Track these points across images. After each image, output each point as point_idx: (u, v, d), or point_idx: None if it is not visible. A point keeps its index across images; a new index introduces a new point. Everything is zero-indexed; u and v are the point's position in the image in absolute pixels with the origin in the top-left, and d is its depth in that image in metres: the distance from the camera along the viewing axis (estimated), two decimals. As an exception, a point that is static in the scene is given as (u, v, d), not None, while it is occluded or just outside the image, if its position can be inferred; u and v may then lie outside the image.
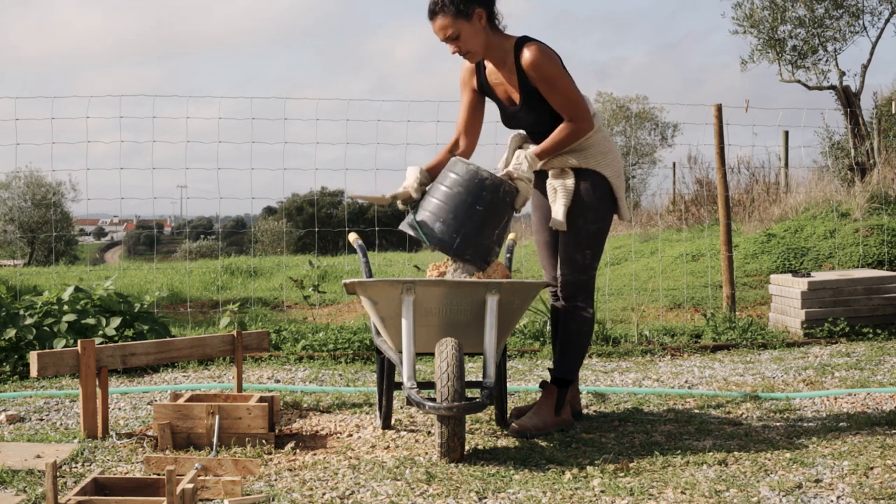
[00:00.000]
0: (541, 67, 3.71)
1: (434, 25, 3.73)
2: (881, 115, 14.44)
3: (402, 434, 3.85)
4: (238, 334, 4.37)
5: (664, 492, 3.01)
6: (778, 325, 6.65)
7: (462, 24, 3.69)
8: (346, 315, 8.21)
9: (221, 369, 5.47)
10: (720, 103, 7.06)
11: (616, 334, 6.29)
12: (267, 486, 3.12)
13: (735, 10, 15.54)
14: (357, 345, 5.94)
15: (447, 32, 3.70)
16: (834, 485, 3.06)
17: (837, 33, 15.44)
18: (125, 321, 5.72)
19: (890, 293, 6.49)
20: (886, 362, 5.44)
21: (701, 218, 12.95)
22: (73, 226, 31.43)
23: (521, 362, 5.70)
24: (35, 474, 3.25)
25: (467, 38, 3.71)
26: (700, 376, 5.15)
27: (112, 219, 68.90)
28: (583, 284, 3.88)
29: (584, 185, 3.84)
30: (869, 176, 11.59)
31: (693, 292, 8.21)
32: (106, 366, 3.90)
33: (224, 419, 3.61)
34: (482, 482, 3.13)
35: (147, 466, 3.28)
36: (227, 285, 11.29)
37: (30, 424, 4.12)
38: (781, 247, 9.53)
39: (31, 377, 4.76)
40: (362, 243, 4.19)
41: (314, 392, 4.76)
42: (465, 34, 3.71)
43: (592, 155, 3.84)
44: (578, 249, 3.85)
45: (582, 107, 3.77)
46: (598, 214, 3.86)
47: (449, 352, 3.39)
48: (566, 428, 3.89)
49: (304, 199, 26.42)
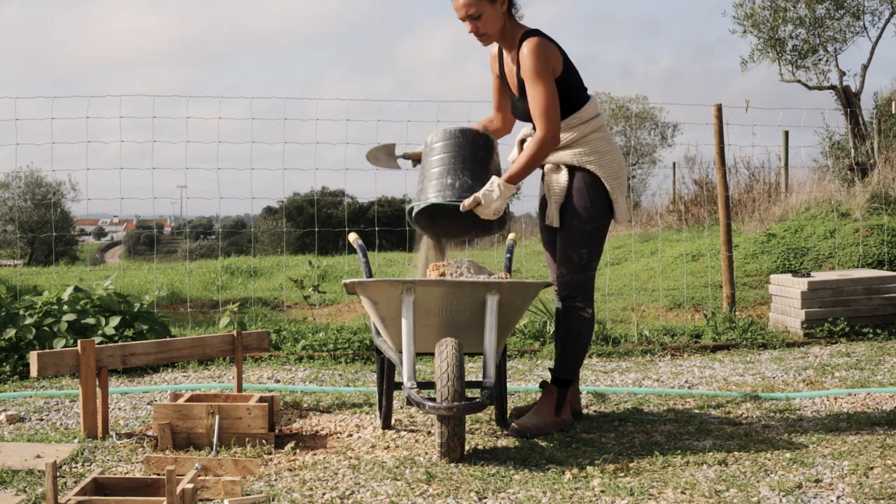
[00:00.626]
0: (526, 61, 3.74)
1: (457, 2, 3.77)
2: (881, 115, 14.44)
3: (402, 434, 3.85)
4: (238, 334, 4.37)
5: (664, 492, 3.01)
6: (778, 325, 6.65)
7: (485, 5, 3.75)
8: (346, 315, 8.21)
9: (221, 369, 5.47)
10: (720, 103, 7.06)
11: (616, 334, 6.29)
12: (267, 486, 3.12)
13: (736, 9, 15.56)
14: (357, 345, 5.94)
15: (469, 10, 3.75)
16: (834, 485, 3.06)
17: (838, 33, 15.45)
18: (125, 321, 5.72)
19: (890, 293, 6.49)
20: (886, 362, 5.44)
21: (701, 218, 12.95)
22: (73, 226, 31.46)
23: (521, 362, 5.70)
24: (35, 474, 3.25)
25: (487, 20, 3.76)
26: (700, 376, 5.15)
27: (112, 219, 68.91)
28: (581, 284, 3.88)
29: (578, 184, 3.84)
30: (869, 176, 11.60)
31: (693, 292, 8.21)
32: (106, 366, 3.90)
33: (224, 419, 3.61)
34: (482, 482, 3.13)
35: (147, 466, 3.28)
36: (227, 285, 11.29)
37: (30, 424, 4.12)
38: (781, 247, 9.53)
39: (31, 377, 4.77)
40: (362, 243, 4.19)
41: (314, 392, 4.76)
42: (486, 15, 3.76)
43: (588, 153, 3.83)
44: (575, 249, 3.85)
45: (551, 116, 3.71)
46: (592, 214, 3.84)
47: (449, 352, 3.39)
48: (566, 428, 3.89)
49: (305, 199, 26.42)
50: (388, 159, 4.24)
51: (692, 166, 14.31)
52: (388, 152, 4.22)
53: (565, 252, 3.87)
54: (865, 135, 13.90)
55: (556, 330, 4.00)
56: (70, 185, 28.12)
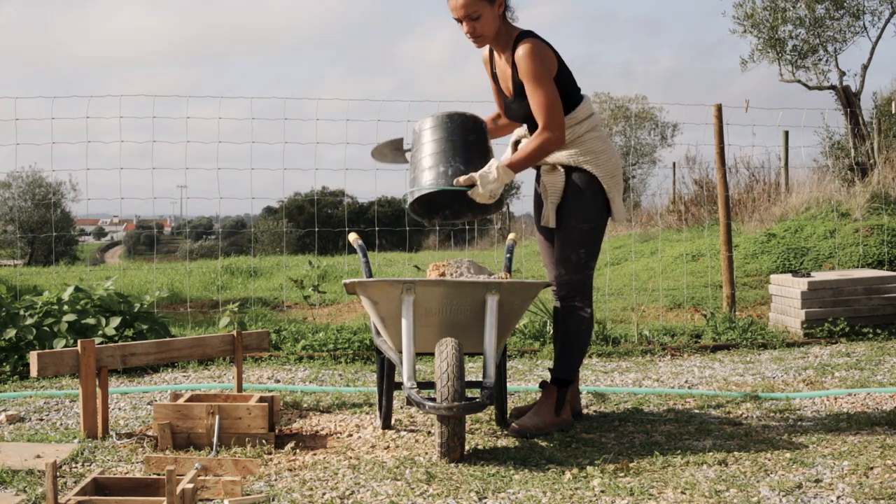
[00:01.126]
0: (526, 64, 3.73)
1: (455, 2, 3.75)
2: (881, 115, 14.44)
3: (402, 434, 3.85)
4: (238, 334, 4.37)
5: (664, 492, 3.01)
6: (778, 325, 6.65)
7: (485, 7, 3.75)
8: (346, 315, 8.21)
9: (221, 369, 5.47)
10: (720, 103, 7.06)
11: (616, 334, 6.29)
12: (267, 486, 3.12)
13: (736, 9, 15.56)
14: (357, 345, 5.94)
15: (469, 10, 3.73)
16: (834, 485, 3.06)
17: (837, 33, 15.45)
18: (125, 321, 5.72)
19: (890, 293, 6.49)
20: (886, 362, 5.44)
21: (701, 218, 12.95)
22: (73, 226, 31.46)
23: (521, 362, 5.70)
24: (35, 474, 3.25)
25: (485, 22, 3.76)
26: (700, 376, 5.15)
27: (112, 219, 68.90)
28: (579, 284, 3.87)
29: (574, 184, 3.84)
30: (869, 176, 11.60)
31: (693, 292, 8.21)
32: (106, 366, 3.90)
33: (224, 419, 3.61)
34: (482, 482, 3.13)
35: (147, 466, 3.28)
36: (227, 285, 11.29)
37: (30, 424, 4.12)
38: (781, 247, 9.53)
39: (31, 377, 4.77)
40: (362, 243, 4.19)
41: (314, 392, 4.76)
42: (484, 17, 3.75)
43: (583, 153, 3.84)
44: (572, 248, 3.85)
45: (556, 117, 3.73)
46: (589, 214, 3.85)
47: (449, 352, 3.39)
48: (566, 428, 3.89)
49: (305, 199, 26.42)
50: (395, 154, 4.20)
51: (692, 166, 14.32)
52: (394, 147, 4.18)
53: (564, 252, 3.87)
54: (865, 135, 13.90)
55: (555, 330, 3.99)
56: (70, 185, 28.16)
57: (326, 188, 26.93)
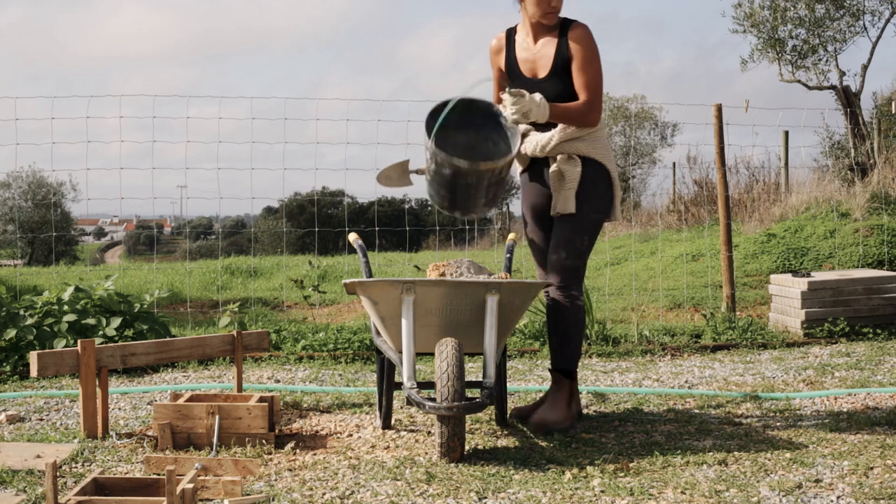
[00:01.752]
0: (588, 43, 3.95)
1: None
2: (881, 115, 14.45)
3: (402, 434, 3.85)
4: (238, 334, 4.38)
5: (664, 492, 3.01)
6: (778, 325, 6.65)
7: None
8: (346, 315, 8.21)
9: (221, 369, 5.48)
10: (720, 103, 7.06)
11: (616, 334, 6.29)
12: (267, 486, 3.12)
13: (735, 9, 15.57)
14: (357, 345, 5.94)
15: None
16: (834, 485, 3.06)
17: (837, 33, 15.45)
18: (125, 321, 5.72)
19: (890, 293, 6.49)
20: (886, 362, 5.44)
21: (701, 218, 12.95)
22: (73, 226, 31.47)
23: (521, 362, 5.70)
24: (35, 474, 3.25)
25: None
26: (700, 376, 5.15)
27: (112, 219, 68.91)
28: (577, 271, 3.96)
29: (591, 175, 3.98)
30: (869, 176, 11.59)
31: (693, 292, 8.21)
32: (106, 366, 3.90)
33: (224, 419, 3.61)
34: (482, 482, 3.13)
35: (147, 466, 3.28)
36: (227, 285, 11.29)
37: (30, 424, 4.12)
38: (781, 247, 9.53)
39: (31, 377, 4.77)
40: (362, 243, 4.19)
41: (314, 392, 4.76)
42: None
43: (599, 148, 4.00)
44: (579, 235, 3.95)
45: (599, 97, 3.96)
46: (601, 204, 4.00)
47: (449, 352, 3.39)
48: (567, 428, 3.89)
49: (305, 199, 26.42)
50: (402, 177, 4.12)
51: (692, 166, 14.31)
52: (402, 170, 4.09)
53: (570, 236, 3.95)
54: (865, 135, 13.91)
55: (553, 321, 3.98)
56: (70, 185, 28.14)
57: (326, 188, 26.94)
